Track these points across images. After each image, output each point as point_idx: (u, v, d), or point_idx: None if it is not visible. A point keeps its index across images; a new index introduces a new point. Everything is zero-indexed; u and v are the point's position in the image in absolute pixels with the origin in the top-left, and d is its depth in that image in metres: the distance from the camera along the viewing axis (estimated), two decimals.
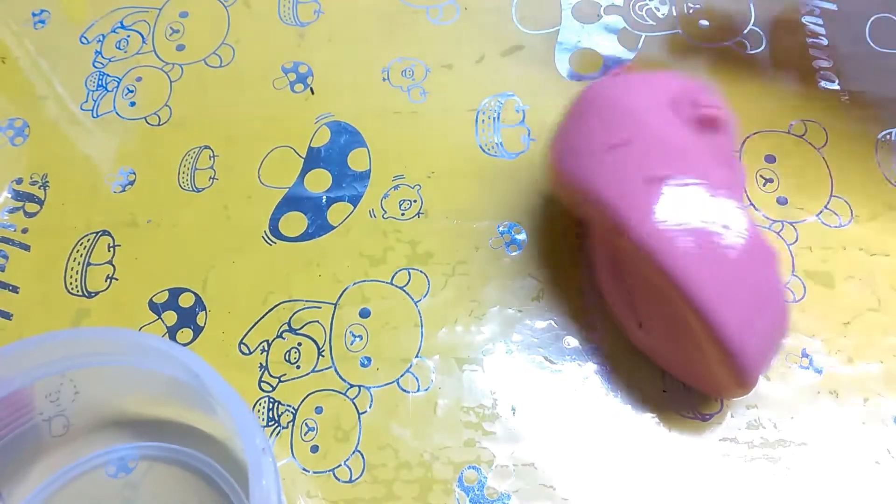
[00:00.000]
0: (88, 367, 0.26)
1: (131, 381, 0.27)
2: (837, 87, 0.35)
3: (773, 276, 0.25)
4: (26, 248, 0.33)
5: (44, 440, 0.28)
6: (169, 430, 0.28)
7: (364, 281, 0.32)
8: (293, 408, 0.29)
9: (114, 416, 0.28)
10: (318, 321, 0.31)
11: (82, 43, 0.38)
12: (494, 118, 0.35)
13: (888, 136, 0.34)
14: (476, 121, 0.35)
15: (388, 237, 0.33)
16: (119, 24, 0.39)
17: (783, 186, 0.33)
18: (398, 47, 0.37)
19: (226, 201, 0.34)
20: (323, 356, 0.30)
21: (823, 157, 0.33)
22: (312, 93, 0.36)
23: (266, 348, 0.30)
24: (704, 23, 0.37)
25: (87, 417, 0.28)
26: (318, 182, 0.34)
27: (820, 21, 0.37)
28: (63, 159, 0.35)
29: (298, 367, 0.30)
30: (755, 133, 0.34)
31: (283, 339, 0.31)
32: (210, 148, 0.35)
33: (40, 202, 0.34)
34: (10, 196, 0.35)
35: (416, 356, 0.30)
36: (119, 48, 0.38)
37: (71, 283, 0.32)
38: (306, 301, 0.31)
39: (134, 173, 0.35)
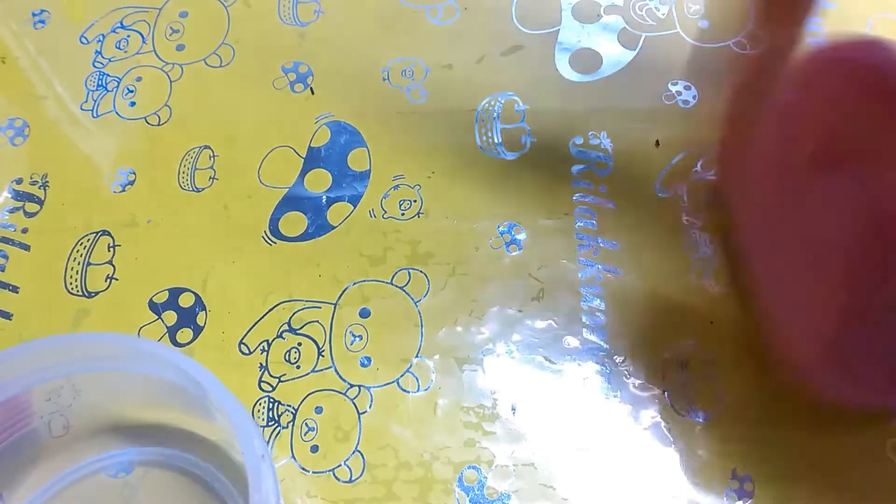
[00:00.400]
0: (88, 373, 0.26)
1: (131, 386, 0.27)
2: None
3: None
4: (26, 248, 0.33)
5: (43, 444, 0.28)
6: (167, 434, 0.28)
7: (364, 281, 0.32)
8: (293, 408, 0.29)
9: (113, 420, 0.28)
10: (318, 321, 0.31)
11: (82, 43, 0.38)
12: (494, 118, 0.35)
13: None
14: (476, 121, 0.35)
15: (388, 237, 0.33)
16: (119, 24, 0.39)
17: None
18: (398, 47, 0.37)
19: (226, 201, 0.34)
20: (323, 356, 0.30)
21: None
22: (312, 93, 0.36)
23: (266, 348, 0.30)
24: (704, 23, 0.37)
25: (87, 421, 0.28)
26: (318, 182, 0.34)
27: (820, 21, 0.37)
28: (63, 159, 0.35)
29: (298, 367, 0.30)
30: None
31: (283, 339, 0.31)
32: (210, 148, 0.35)
33: (40, 202, 0.34)
34: (10, 196, 0.35)
35: (416, 356, 0.30)
36: (119, 48, 0.38)
37: (71, 283, 0.32)
38: (306, 301, 0.31)
39: (134, 173, 0.35)
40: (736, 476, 0.27)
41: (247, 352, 0.30)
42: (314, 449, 0.29)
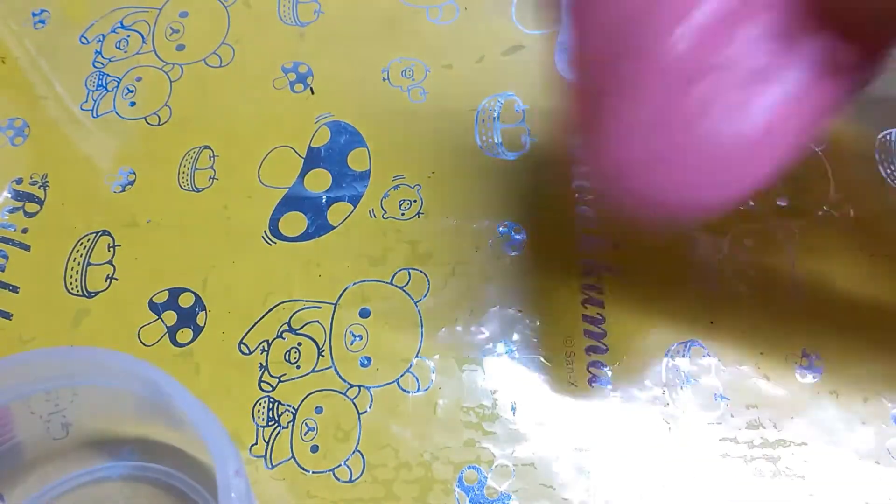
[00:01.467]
0: (68, 388, 0.25)
1: (104, 400, 0.26)
2: None
3: None
4: (26, 248, 0.33)
5: (24, 459, 0.27)
6: (145, 447, 0.28)
7: (364, 281, 0.32)
8: (293, 408, 0.29)
9: (92, 435, 0.28)
10: (318, 321, 0.31)
11: (82, 43, 0.39)
12: (494, 118, 0.35)
13: (888, 136, 0.34)
14: (476, 121, 0.35)
15: (388, 237, 0.33)
16: (119, 24, 0.39)
17: (783, 186, 0.33)
18: (398, 47, 0.37)
19: (226, 201, 0.34)
20: (323, 356, 0.30)
21: (823, 158, 0.33)
22: (312, 93, 0.36)
23: (266, 348, 0.30)
24: None
25: (73, 437, 0.28)
26: (318, 182, 0.34)
27: None
28: (63, 159, 0.35)
29: (298, 367, 0.30)
30: None
31: (283, 339, 0.31)
32: (210, 148, 0.35)
33: (40, 202, 0.34)
34: (10, 196, 0.35)
35: (416, 356, 0.30)
36: (119, 48, 0.38)
37: (71, 283, 0.32)
38: (306, 301, 0.31)
39: (134, 173, 0.35)
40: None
41: (247, 352, 0.30)
42: (314, 449, 0.29)
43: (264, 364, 0.30)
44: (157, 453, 0.28)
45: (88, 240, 0.33)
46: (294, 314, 0.31)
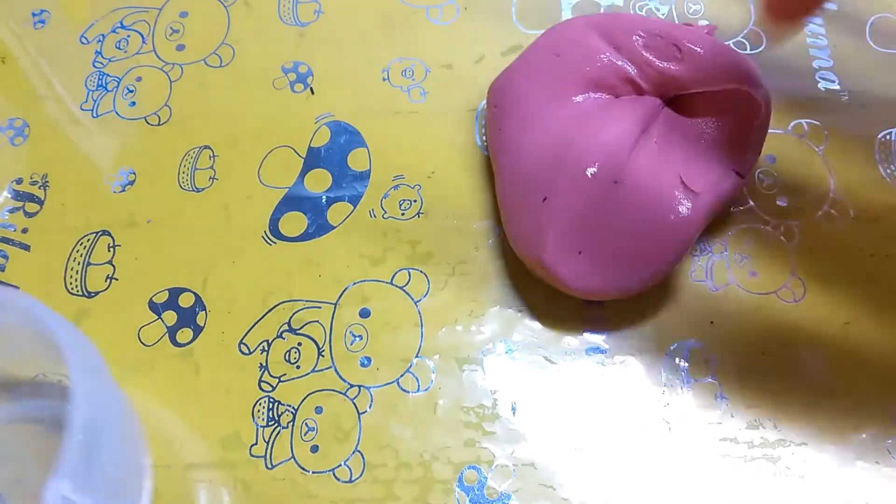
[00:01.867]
0: None
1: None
2: (837, 87, 0.35)
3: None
4: (26, 248, 0.33)
5: None
6: (40, 387, 0.28)
7: (364, 281, 0.32)
8: (293, 408, 0.29)
9: None
10: (318, 321, 0.31)
11: (82, 43, 0.39)
12: None
13: (888, 136, 0.34)
14: (476, 121, 0.35)
15: (388, 237, 0.33)
16: (119, 24, 0.39)
17: (783, 186, 0.33)
18: (398, 47, 0.37)
19: (226, 201, 0.34)
20: (323, 356, 0.30)
21: (823, 157, 0.33)
22: (312, 93, 0.36)
23: (266, 348, 0.30)
24: (704, 23, 0.37)
25: None
26: (318, 182, 0.34)
27: (820, 21, 0.37)
28: (63, 159, 0.35)
29: (298, 367, 0.30)
30: None
31: (283, 339, 0.31)
32: (210, 148, 0.35)
33: (40, 202, 0.34)
34: (10, 196, 0.35)
35: (416, 356, 0.30)
36: (119, 48, 0.38)
37: (71, 283, 0.32)
38: (306, 301, 0.31)
39: (134, 173, 0.35)
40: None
41: (247, 352, 0.30)
42: (314, 449, 0.29)
43: (264, 364, 0.30)
44: (52, 393, 0.28)
45: (88, 240, 0.33)
46: (294, 314, 0.31)
